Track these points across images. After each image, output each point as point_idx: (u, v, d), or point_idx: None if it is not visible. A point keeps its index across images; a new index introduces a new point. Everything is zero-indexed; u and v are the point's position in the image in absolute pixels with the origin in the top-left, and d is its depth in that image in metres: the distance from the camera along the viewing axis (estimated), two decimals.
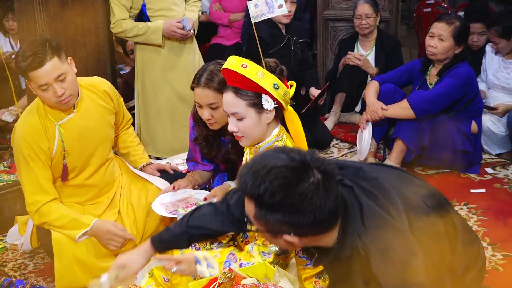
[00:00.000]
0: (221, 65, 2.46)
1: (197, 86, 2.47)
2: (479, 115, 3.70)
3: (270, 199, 1.46)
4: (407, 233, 1.58)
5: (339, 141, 4.32)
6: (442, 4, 5.66)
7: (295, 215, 1.47)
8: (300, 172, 1.47)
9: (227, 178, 2.81)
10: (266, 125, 2.12)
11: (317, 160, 1.51)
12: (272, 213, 1.48)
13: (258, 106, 2.08)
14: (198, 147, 2.74)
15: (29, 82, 2.51)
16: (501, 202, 3.29)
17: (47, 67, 2.42)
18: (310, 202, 1.46)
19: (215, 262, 2.06)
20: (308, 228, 1.51)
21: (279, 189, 1.45)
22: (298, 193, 1.45)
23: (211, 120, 2.50)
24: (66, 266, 2.56)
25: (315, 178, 1.47)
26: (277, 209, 1.47)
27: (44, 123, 2.58)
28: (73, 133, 2.63)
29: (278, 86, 2.04)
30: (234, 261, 2.07)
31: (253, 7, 2.14)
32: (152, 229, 2.80)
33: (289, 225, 1.49)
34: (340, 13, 4.92)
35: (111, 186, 2.84)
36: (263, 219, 1.50)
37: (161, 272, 2.46)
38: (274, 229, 1.52)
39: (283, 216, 1.48)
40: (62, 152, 2.61)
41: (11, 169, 3.68)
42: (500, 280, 2.56)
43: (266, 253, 2.06)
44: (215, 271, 2.04)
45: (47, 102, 2.54)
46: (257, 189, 1.47)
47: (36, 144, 2.54)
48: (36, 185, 2.56)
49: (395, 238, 1.55)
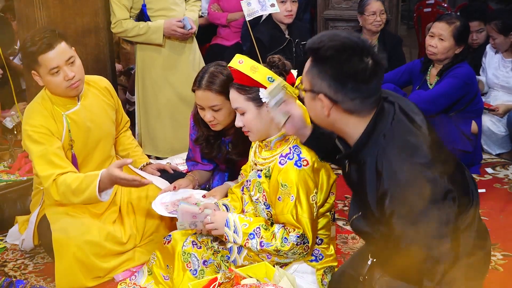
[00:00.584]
0: (221, 66, 2.48)
1: (198, 89, 2.47)
2: (479, 115, 3.70)
3: (325, 52, 1.64)
4: (429, 151, 1.66)
5: None
6: (442, 4, 5.67)
7: (339, 76, 1.64)
8: (358, 48, 1.64)
9: (227, 178, 2.81)
10: (268, 119, 2.13)
11: (375, 53, 1.66)
12: (322, 67, 1.66)
13: (257, 100, 2.11)
14: (199, 148, 2.74)
15: (37, 70, 2.50)
16: (501, 202, 3.29)
17: (57, 49, 2.46)
18: (356, 74, 1.62)
19: (241, 231, 2.15)
20: (345, 97, 1.65)
21: (334, 48, 1.64)
22: (349, 60, 1.62)
23: (213, 121, 2.51)
24: (67, 266, 2.56)
25: (368, 60, 1.64)
26: (327, 65, 1.65)
27: (51, 112, 2.60)
28: (78, 125, 2.65)
29: (272, 79, 2.07)
30: (258, 236, 2.12)
31: (246, 5, 2.20)
32: (152, 229, 2.80)
33: (330, 85, 1.65)
34: (340, 13, 4.93)
35: None
36: (312, 74, 1.68)
37: (161, 270, 2.47)
38: (316, 86, 1.68)
39: (329, 74, 1.64)
40: (70, 142, 2.63)
41: (11, 169, 3.69)
42: (500, 280, 2.56)
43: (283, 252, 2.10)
44: (239, 240, 2.15)
45: (56, 88, 2.54)
46: (317, 43, 1.67)
47: (45, 128, 2.55)
48: (48, 162, 2.53)
49: (416, 150, 1.64)
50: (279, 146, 2.17)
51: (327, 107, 1.68)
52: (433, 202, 1.59)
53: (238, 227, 2.16)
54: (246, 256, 2.20)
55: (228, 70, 2.35)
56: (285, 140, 2.17)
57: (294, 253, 2.09)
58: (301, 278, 2.21)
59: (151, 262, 2.51)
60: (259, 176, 2.20)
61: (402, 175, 1.61)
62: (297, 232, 2.07)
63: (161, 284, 2.45)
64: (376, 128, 1.69)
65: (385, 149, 1.65)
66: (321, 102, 1.69)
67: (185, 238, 2.36)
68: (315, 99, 1.71)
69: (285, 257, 2.12)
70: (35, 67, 2.52)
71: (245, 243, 2.14)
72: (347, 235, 2.98)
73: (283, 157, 2.09)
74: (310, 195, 2.08)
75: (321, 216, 2.23)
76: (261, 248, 2.11)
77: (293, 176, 2.04)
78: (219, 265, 2.32)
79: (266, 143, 2.21)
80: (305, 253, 2.12)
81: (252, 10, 2.19)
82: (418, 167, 1.62)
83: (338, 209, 3.21)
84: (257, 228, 2.15)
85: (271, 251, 2.10)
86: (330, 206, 2.24)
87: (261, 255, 2.15)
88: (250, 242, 2.13)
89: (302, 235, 2.07)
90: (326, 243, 2.27)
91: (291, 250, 2.08)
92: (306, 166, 2.06)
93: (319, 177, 2.14)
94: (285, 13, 4.05)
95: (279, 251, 2.09)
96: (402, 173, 1.61)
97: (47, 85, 2.56)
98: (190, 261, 2.32)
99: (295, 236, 2.06)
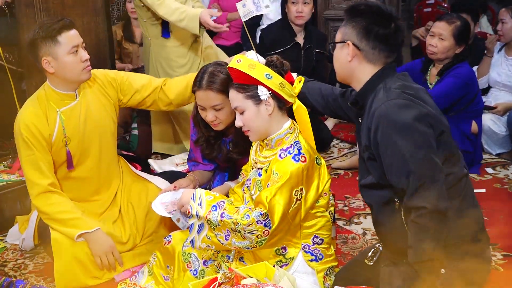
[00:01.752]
0: (220, 65, 2.49)
1: (198, 89, 2.48)
2: (479, 115, 3.70)
3: (360, 8, 2.03)
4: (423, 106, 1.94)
5: (339, 141, 4.33)
6: (442, 4, 5.66)
7: (367, 28, 2.00)
8: (386, 13, 2.02)
9: (228, 178, 2.81)
10: (267, 116, 2.15)
11: (399, 22, 2.03)
12: (355, 19, 2.02)
13: (255, 98, 2.13)
14: (200, 148, 2.74)
15: (54, 52, 2.49)
16: (501, 202, 3.29)
17: (75, 31, 2.56)
18: (379, 30, 1.99)
19: (205, 203, 2.16)
20: (367, 46, 2.01)
21: (369, 6, 2.03)
22: (377, 19, 2.00)
23: (216, 121, 2.51)
24: (66, 266, 2.56)
25: (391, 24, 2.00)
26: (360, 17, 2.01)
27: (45, 110, 2.60)
28: (74, 120, 2.65)
29: (270, 76, 2.10)
30: (220, 208, 2.13)
31: (241, 7, 2.25)
32: (152, 229, 2.80)
33: (358, 34, 2.01)
34: (340, 13, 4.92)
35: (110, 183, 2.84)
36: (345, 27, 2.05)
37: (161, 270, 2.47)
38: (347, 35, 2.04)
39: (359, 25, 2.00)
40: (64, 139, 2.63)
41: (11, 169, 3.68)
42: (500, 280, 2.56)
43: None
44: (201, 211, 2.15)
45: (72, 70, 2.55)
46: (355, 4, 2.07)
47: (36, 129, 2.56)
48: (37, 168, 2.58)
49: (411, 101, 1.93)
50: (279, 144, 2.18)
51: (351, 54, 2.02)
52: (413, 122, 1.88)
53: (203, 199, 2.17)
54: (205, 238, 2.17)
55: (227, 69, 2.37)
56: (286, 138, 2.18)
57: (252, 231, 2.07)
58: (301, 279, 2.21)
59: (152, 262, 2.51)
60: (260, 175, 2.20)
61: (390, 110, 1.90)
62: (261, 210, 2.06)
63: (161, 285, 2.45)
64: (383, 75, 2.02)
65: (384, 91, 1.97)
66: (347, 49, 2.03)
67: (186, 239, 2.36)
68: (342, 48, 2.05)
69: (242, 236, 2.09)
70: (50, 51, 2.51)
71: (206, 215, 2.13)
72: (347, 235, 2.98)
73: (283, 151, 2.13)
74: (294, 189, 2.09)
75: (320, 216, 2.24)
76: (221, 219, 2.09)
77: (287, 168, 2.07)
78: (220, 265, 2.33)
79: (267, 141, 2.22)
80: (263, 238, 2.08)
81: (247, 11, 2.24)
82: (409, 110, 1.91)
83: (338, 209, 3.21)
84: (222, 201, 2.16)
85: (230, 224, 2.08)
86: (324, 205, 2.24)
87: (219, 235, 2.13)
88: (212, 213, 2.12)
89: (265, 214, 2.05)
90: (326, 243, 2.27)
91: (249, 226, 2.06)
92: (304, 162, 2.09)
93: (313, 176, 2.16)
94: (296, 14, 4.06)
95: (237, 224, 2.06)
96: (391, 109, 1.90)
97: (62, 68, 2.54)
98: (191, 261, 2.32)
99: (258, 213, 2.06)
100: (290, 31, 4.14)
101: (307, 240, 2.23)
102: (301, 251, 2.23)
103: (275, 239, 2.15)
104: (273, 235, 2.10)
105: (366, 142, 2.00)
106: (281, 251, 2.23)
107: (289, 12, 4.11)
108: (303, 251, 2.23)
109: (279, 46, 4.07)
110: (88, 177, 2.76)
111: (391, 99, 1.91)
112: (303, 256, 2.23)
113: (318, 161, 2.20)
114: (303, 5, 4.06)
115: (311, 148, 2.20)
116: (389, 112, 1.89)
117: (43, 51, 2.51)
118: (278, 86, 2.13)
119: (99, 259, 2.60)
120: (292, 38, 4.13)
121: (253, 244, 2.10)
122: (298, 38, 4.16)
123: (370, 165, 2.04)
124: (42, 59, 2.52)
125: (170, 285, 2.41)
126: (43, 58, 2.51)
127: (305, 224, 2.22)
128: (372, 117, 1.94)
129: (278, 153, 2.14)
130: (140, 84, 2.82)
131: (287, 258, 2.22)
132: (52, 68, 2.53)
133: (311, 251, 2.23)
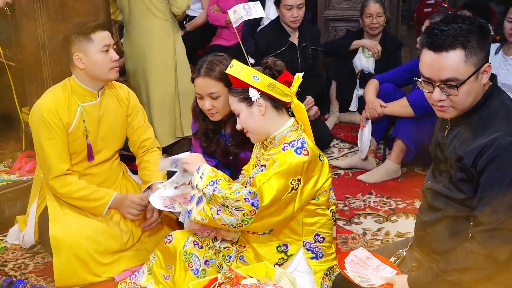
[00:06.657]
0: (220, 56, 2.55)
1: (197, 77, 2.53)
2: None
3: (479, 27, 1.84)
4: None
5: (340, 141, 4.33)
6: (443, 4, 5.67)
7: (485, 45, 1.85)
8: (486, 27, 1.88)
9: (229, 174, 2.81)
10: (261, 117, 2.19)
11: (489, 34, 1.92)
12: (481, 40, 1.84)
13: (247, 100, 2.18)
14: (198, 142, 2.76)
15: (86, 49, 2.58)
16: None
17: (108, 32, 2.67)
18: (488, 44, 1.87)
19: (206, 176, 2.20)
20: (474, 52, 1.83)
21: (480, 25, 1.86)
22: (486, 35, 1.86)
23: (212, 110, 2.55)
24: (65, 263, 2.57)
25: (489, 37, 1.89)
26: (482, 37, 1.84)
27: (68, 99, 2.67)
28: (91, 118, 2.72)
29: (258, 77, 2.14)
30: (217, 183, 2.16)
31: (232, 13, 2.28)
32: (151, 229, 2.80)
33: (485, 53, 1.86)
34: (340, 13, 4.93)
35: (111, 182, 2.87)
36: (471, 56, 1.83)
37: (161, 269, 2.47)
38: (480, 63, 1.84)
39: (482, 44, 1.84)
40: (84, 132, 2.70)
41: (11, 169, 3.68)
42: None
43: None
44: (201, 183, 2.19)
45: (102, 68, 2.63)
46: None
47: (57, 114, 2.63)
48: (57, 151, 2.64)
49: None
50: (283, 141, 2.20)
51: (486, 75, 1.88)
52: None
53: (205, 173, 2.21)
54: (201, 210, 2.18)
55: (227, 60, 2.47)
56: (289, 136, 2.20)
57: (238, 208, 2.08)
58: (301, 278, 2.21)
59: (151, 261, 2.51)
60: (263, 171, 2.21)
61: (507, 140, 1.78)
62: (251, 189, 2.09)
63: (161, 284, 2.45)
64: (492, 94, 1.92)
65: (498, 112, 1.87)
66: (486, 74, 1.88)
67: (187, 238, 2.36)
68: (477, 76, 1.86)
69: (230, 212, 2.10)
70: (83, 47, 2.59)
71: (203, 188, 2.16)
72: (347, 235, 2.98)
73: (287, 144, 2.17)
74: (291, 178, 2.10)
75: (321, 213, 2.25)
76: (213, 193, 2.12)
77: (288, 158, 2.10)
78: (221, 264, 2.33)
79: (271, 139, 2.24)
80: (249, 216, 2.09)
81: (237, 17, 2.27)
82: None
83: (338, 209, 3.21)
84: (221, 179, 2.19)
85: (219, 198, 2.10)
86: (324, 202, 2.25)
87: (212, 209, 2.14)
88: (208, 187, 2.15)
89: (254, 193, 2.07)
90: (328, 242, 2.28)
91: (236, 202, 2.08)
92: (306, 155, 2.11)
93: (314, 171, 2.18)
94: (291, 18, 4.07)
95: (226, 198, 2.09)
96: (507, 139, 1.78)
97: (92, 65, 2.62)
98: (192, 261, 2.32)
99: (247, 191, 2.09)
100: (283, 32, 4.14)
101: (309, 237, 2.25)
102: (302, 248, 2.24)
103: (263, 222, 2.14)
104: (260, 216, 2.11)
105: (470, 161, 1.86)
106: (282, 248, 2.24)
107: (283, 16, 4.12)
108: (304, 248, 2.25)
109: (274, 48, 4.08)
110: (92, 174, 2.81)
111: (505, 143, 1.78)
112: (304, 254, 2.24)
113: (320, 157, 2.22)
114: (298, 9, 4.06)
115: (315, 146, 2.21)
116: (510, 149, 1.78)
117: (76, 47, 2.60)
118: (267, 87, 2.15)
119: (130, 216, 2.71)
120: (286, 39, 4.13)
121: (239, 222, 2.11)
122: (292, 38, 4.17)
123: (460, 184, 1.93)
124: (74, 55, 2.61)
125: (170, 285, 2.41)
126: (75, 54, 2.61)
127: (306, 221, 2.23)
128: (491, 142, 1.81)
129: (282, 147, 2.18)
130: (137, 126, 2.91)
131: (288, 255, 2.24)
132: (83, 64, 2.62)
133: (312, 249, 2.25)
